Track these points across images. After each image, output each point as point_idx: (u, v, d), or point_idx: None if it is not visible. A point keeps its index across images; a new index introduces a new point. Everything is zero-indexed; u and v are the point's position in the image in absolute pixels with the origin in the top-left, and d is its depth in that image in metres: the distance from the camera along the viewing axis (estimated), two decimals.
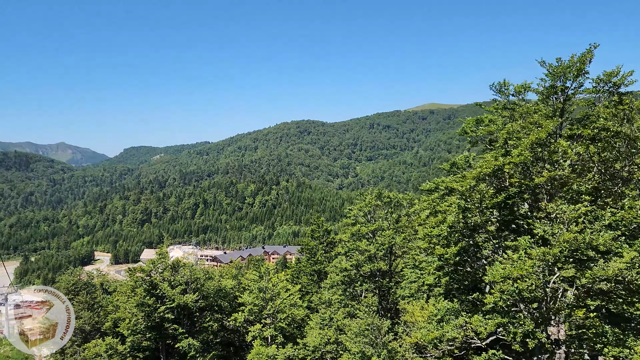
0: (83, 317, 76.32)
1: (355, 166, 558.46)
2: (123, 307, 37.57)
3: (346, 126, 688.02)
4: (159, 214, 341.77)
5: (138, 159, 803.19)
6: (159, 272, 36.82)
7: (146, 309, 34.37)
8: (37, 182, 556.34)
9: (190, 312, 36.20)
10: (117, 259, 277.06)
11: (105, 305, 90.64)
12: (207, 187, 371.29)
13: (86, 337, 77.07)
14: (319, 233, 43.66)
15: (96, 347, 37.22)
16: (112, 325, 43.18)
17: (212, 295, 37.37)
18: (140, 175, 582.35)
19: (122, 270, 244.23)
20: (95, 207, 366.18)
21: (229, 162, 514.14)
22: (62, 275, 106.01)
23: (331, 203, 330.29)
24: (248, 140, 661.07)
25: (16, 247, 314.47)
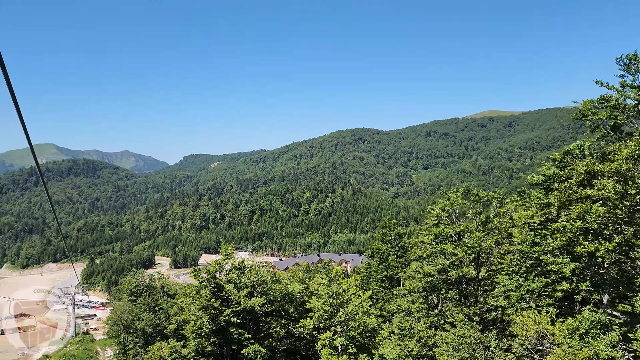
0: (145, 319, 76.88)
1: (411, 174, 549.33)
2: (188, 309, 36.37)
3: (402, 134, 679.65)
4: (216, 220, 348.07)
5: (197, 166, 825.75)
6: (224, 273, 35.38)
7: (211, 312, 32.98)
8: (103, 188, 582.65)
9: (256, 316, 34.46)
10: (177, 264, 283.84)
11: (166, 308, 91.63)
12: (263, 194, 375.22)
13: (147, 338, 77.67)
14: (390, 236, 41.06)
15: (160, 350, 36.16)
16: (176, 327, 42.05)
17: (279, 299, 35.58)
18: (199, 182, 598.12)
19: (181, 275, 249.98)
20: (156, 213, 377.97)
21: (284, 169, 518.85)
22: (125, 277, 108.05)
23: (387, 211, 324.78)
24: (303, 148, 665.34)
25: (83, 249, 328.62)
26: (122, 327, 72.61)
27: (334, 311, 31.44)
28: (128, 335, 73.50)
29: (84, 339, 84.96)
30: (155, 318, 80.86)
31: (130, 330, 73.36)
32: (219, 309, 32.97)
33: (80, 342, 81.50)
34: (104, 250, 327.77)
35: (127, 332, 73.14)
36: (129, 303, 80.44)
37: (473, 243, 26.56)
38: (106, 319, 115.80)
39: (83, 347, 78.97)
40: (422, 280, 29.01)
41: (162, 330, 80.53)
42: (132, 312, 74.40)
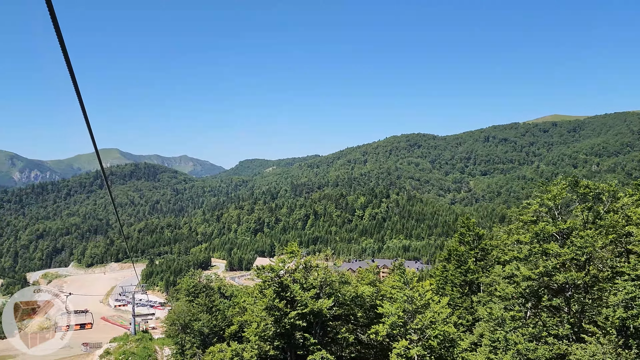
0: (202, 320, 76.34)
1: (468, 181, 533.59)
2: (250, 309, 34.30)
3: (458, 139, 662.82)
4: (271, 224, 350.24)
5: (252, 171, 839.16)
6: (289, 272, 33.09)
7: (275, 314, 30.68)
8: (163, 192, 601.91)
9: (323, 320, 31.95)
10: (232, 266, 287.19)
11: (223, 309, 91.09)
12: (317, 199, 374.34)
13: (204, 339, 77.08)
14: (469, 237, 37.65)
15: (221, 353, 34.28)
16: (238, 328, 40.10)
17: (348, 302, 32.85)
18: (254, 186, 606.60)
19: (236, 277, 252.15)
20: (213, 216, 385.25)
21: (338, 174, 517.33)
22: (184, 277, 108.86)
23: (444, 218, 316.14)
24: (357, 153, 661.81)
25: (143, 250, 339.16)
26: (180, 326, 72.28)
27: (409, 317, 28.47)
28: (185, 335, 73.08)
29: (143, 337, 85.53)
30: (212, 319, 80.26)
31: (188, 331, 72.90)
32: (284, 311, 30.63)
33: (139, 340, 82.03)
34: (163, 251, 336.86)
35: (184, 332, 72.73)
36: (187, 303, 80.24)
37: (584, 243, 22.89)
38: (164, 319, 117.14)
39: (142, 345, 79.35)
40: (521, 284, 25.42)
41: (219, 332, 79.90)
42: (189, 312, 73.97)
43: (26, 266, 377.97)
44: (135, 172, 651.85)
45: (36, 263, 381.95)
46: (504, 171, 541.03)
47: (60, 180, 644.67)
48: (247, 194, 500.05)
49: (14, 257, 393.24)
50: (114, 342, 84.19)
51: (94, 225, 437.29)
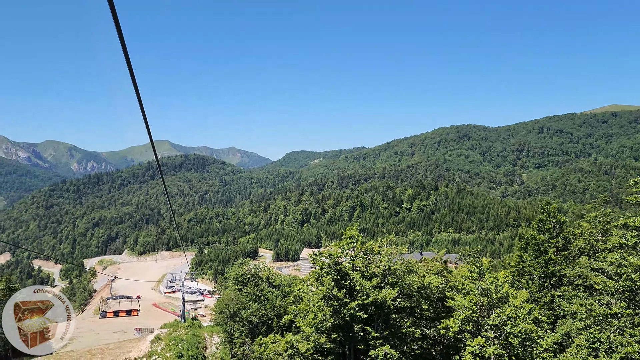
0: (250, 309, 75.38)
1: (520, 173, 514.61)
2: (306, 298, 31.98)
3: (510, 130, 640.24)
4: (317, 215, 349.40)
5: (298, 163, 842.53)
6: (349, 259, 30.51)
7: (334, 304, 28.30)
8: (211, 182, 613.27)
9: (386, 312, 29.32)
10: (279, 257, 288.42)
11: (272, 298, 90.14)
12: (364, 191, 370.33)
13: (253, 328, 76.18)
14: (549, 224, 34.08)
15: (275, 344, 32.24)
16: (293, 318, 37.92)
17: (414, 293, 30.01)
18: (301, 178, 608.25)
19: (283, 267, 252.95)
20: (260, 207, 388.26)
21: (385, 166, 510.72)
22: (232, 266, 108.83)
23: (495, 211, 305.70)
24: (405, 145, 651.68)
25: (193, 239, 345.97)
26: (229, 315, 71.46)
27: (484, 312, 25.49)
28: (234, 323, 72.21)
29: (193, 325, 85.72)
30: (260, 308, 79.19)
31: (236, 319, 71.98)
32: (343, 301, 28.16)
33: (189, 327, 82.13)
34: (212, 241, 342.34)
35: (233, 320, 71.87)
36: (236, 292, 79.52)
37: None
38: (213, 306, 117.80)
39: (192, 332, 79.35)
40: (633, 275, 21.85)
41: (268, 322, 78.83)
42: (238, 300, 73.07)
43: (83, 253, 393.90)
44: (185, 163, 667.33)
45: (92, 250, 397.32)
46: (559, 163, 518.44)
47: (115, 171, 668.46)
48: (293, 186, 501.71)
49: (72, 244, 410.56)
50: (165, 328, 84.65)
51: (146, 215, 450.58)
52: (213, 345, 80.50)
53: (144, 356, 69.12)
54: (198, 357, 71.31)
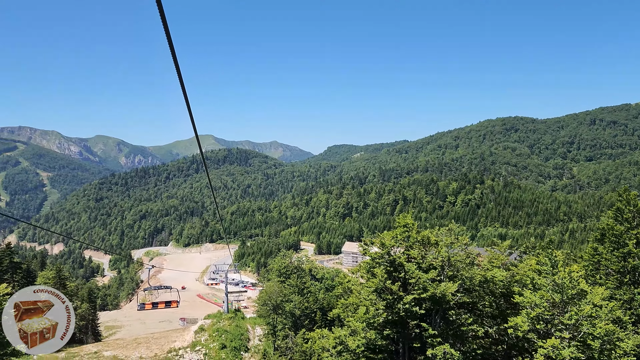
0: (293, 301, 74.39)
1: (571, 167, 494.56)
2: (356, 291, 29.76)
3: (560, 122, 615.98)
4: (359, 209, 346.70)
5: (340, 157, 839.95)
6: (402, 249, 28.25)
7: (388, 297, 26.17)
8: (254, 176, 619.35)
9: (445, 308, 26.90)
10: (320, 250, 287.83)
11: (315, 291, 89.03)
12: (406, 184, 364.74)
13: (296, 321, 75.17)
14: (628, 214, 30.80)
15: (323, 340, 30.40)
16: (341, 311, 35.80)
17: (477, 287, 27.40)
18: (342, 171, 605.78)
19: (324, 261, 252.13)
20: (302, 200, 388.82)
21: (428, 160, 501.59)
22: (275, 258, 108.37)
23: (544, 205, 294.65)
24: (448, 138, 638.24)
25: (236, 232, 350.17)
26: (271, 307, 70.63)
27: (557, 310, 22.80)
28: (277, 316, 71.33)
29: (236, 316, 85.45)
30: (303, 301, 78.10)
31: (279, 311, 71.07)
32: (398, 294, 25.98)
33: (232, 319, 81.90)
34: (254, 233, 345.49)
35: (276, 312, 70.99)
36: (278, 284, 78.73)
37: None
38: (256, 298, 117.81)
39: (235, 324, 79.06)
40: None
41: (311, 315, 77.65)
42: (281, 293, 72.14)
43: (131, 244, 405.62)
44: (228, 157, 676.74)
45: (139, 241, 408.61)
46: (612, 157, 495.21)
47: (161, 165, 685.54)
48: (335, 179, 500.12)
49: (121, 236, 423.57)
50: (208, 319, 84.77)
51: (191, 207, 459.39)
52: (256, 337, 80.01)
53: (187, 346, 69.15)
54: (241, 349, 70.81)
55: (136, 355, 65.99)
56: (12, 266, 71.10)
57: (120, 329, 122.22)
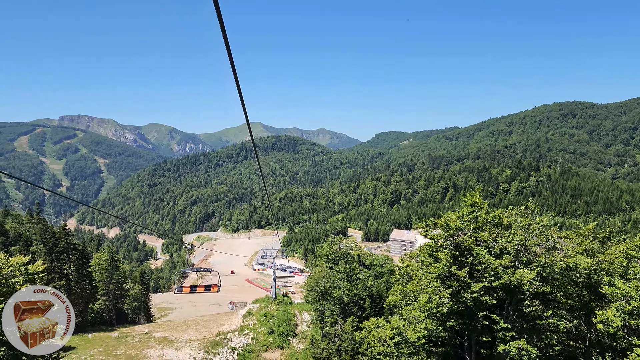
0: (342, 287, 72.65)
1: (634, 154, 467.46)
2: (416, 277, 27.05)
3: (622, 107, 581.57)
4: (407, 196, 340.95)
5: (388, 144, 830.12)
6: (469, 230, 25.35)
7: (453, 285, 23.41)
8: (301, 163, 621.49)
9: (519, 298, 23.84)
10: (368, 237, 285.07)
11: (363, 278, 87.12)
12: (457, 172, 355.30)
13: (344, 308, 73.44)
14: None
15: (379, 330, 28.04)
16: (400, 299, 32.98)
17: (558, 276, 24.09)
18: (390, 158, 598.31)
19: (372, 248, 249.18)
20: (349, 187, 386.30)
21: (480, 146, 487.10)
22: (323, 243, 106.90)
23: (605, 194, 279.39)
24: (502, 124, 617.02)
25: (284, 218, 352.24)
26: (319, 293, 69.11)
27: None
28: (325, 302, 69.75)
29: (284, 301, 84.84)
30: (352, 287, 76.29)
31: (327, 298, 69.43)
32: (465, 282, 23.18)
33: (280, 304, 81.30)
34: (302, 220, 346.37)
35: (324, 299, 69.38)
36: (327, 269, 77.14)
37: None
38: (303, 284, 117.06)
39: (282, 309, 78.38)
40: None
41: (360, 302, 75.72)
42: (329, 279, 70.48)
43: (182, 229, 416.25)
44: (277, 144, 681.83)
45: (190, 226, 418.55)
46: None
47: (211, 152, 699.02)
48: (383, 166, 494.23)
49: (173, 221, 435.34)
50: (256, 304, 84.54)
51: (240, 194, 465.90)
52: (304, 322, 79.04)
53: (236, 330, 68.83)
54: (289, 334, 69.89)
55: (185, 338, 66.16)
56: (68, 247, 72.56)
57: (172, 311, 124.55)
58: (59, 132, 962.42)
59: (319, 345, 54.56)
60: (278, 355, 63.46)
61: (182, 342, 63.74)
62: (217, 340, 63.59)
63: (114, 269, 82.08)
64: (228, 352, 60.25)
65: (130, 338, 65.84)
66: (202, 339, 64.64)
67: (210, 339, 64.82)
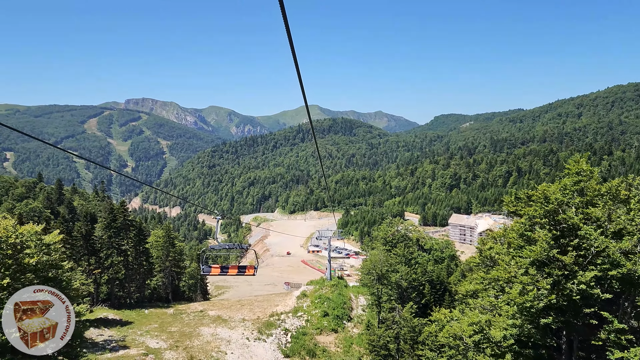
0: (400, 272, 68.87)
1: None
2: (502, 261, 22.36)
3: None
4: (467, 180, 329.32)
5: (447, 127, 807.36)
6: (574, 205, 20.69)
7: (556, 273, 18.96)
8: (358, 146, 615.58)
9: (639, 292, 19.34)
10: (425, 221, 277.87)
11: (423, 262, 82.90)
12: (521, 155, 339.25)
13: (402, 293, 69.68)
14: None
15: (454, 325, 23.67)
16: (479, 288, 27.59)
17: None
18: (449, 142, 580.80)
19: (429, 232, 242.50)
20: (407, 170, 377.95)
21: (546, 129, 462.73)
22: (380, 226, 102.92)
23: None
24: (570, 106, 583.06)
25: (340, 201, 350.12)
26: (376, 276, 65.87)
27: None
28: (382, 286, 66.37)
29: (339, 284, 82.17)
30: (411, 272, 72.25)
31: (384, 282, 66.03)
32: (570, 269, 18.70)
33: (334, 286, 78.68)
34: (358, 202, 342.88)
35: (380, 283, 66.00)
36: (384, 252, 73.44)
37: None
38: (359, 267, 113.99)
39: (337, 292, 75.74)
40: None
41: (419, 287, 71.74)
42: (386, 262, 66.89)
43: (240, 210, 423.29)
44: (333, 126, 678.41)
45: (248, 207, 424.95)
46: None
47: (268, 134, 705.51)
48: (442, 149, 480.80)
49: (231, 201, 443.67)
50: (310, 285, 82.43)
51: (296, 176, 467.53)
52: (359, 306, 76.16)
53: (290, 311, 66.90)
54: (343, 318, 67.14)
55: (239, 317, 64.89)
56: (126, 224, 72.81)
57: (228, 290, 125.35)
58: (124, 114, 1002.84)
59: (375, 332, 51.40)
60: (332, 339, 60.99)
61: (235, 321, 62.49)
62: (271, 321, 61.86)
63: (170, 246, 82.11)
64: (281, 334, 58.30)
65: (185, 315, 65.35)
66: (256, 319, 63.16)
67: (264, 319, 63.23)
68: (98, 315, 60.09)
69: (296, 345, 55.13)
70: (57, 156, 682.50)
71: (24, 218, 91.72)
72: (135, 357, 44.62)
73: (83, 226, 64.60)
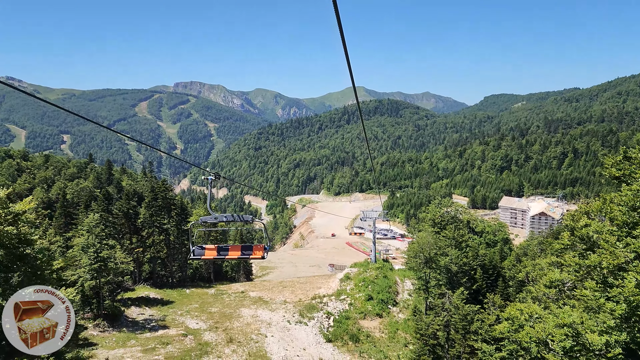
0: (450, 255, 65.36)
1: None
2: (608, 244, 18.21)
3: None
4: (519, 162, 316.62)
5: (498, 107, 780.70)
6: None
7: None
8: (404, 127, 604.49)
9: None
10: (474, 204, 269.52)
11: (474, 246, 78.78)
12: (577, 136, 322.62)
13: (451, 278, 66.19)
14: None
15: (536, 325, 19.15)
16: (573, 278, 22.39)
17: None
18: (500, 122, 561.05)
19: (479, 215, 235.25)
20: (455, 152, 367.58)
21: (605, 109, 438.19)
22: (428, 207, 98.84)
23: None
24: (631, 84, 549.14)
25: (385, 183, 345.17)
26: (423, 260, 62.64)
27: None
28: (430, 270, 63.19)
29: (384, 267, 79.32)
30: (461, 255, 68.54)
31: (433, 266, 62.83)
32: None
33: (379, 269, 75.90)
34: (404, 185, 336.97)
35: (428, 266, 62.77)
36: (432, 234, 69.96)
37: None
38: (405, 250, 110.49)
39: (382, 275, 72.97)
40: None
41: (470, 272, 67.97)
42: (435, 244, 63.53)
43: (285, 191, 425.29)
44: (379, 108, 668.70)
45: (293, 189, 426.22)
46: None
47: (314, 116, 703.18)
48: (492, 130, 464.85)
49: (277, 183, 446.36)
50: (354, 268, 79.99)
51: (341, 158, 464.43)
52: (405, 291, 73.25)
53: (332, 294, 64.76)
54: (389, 302, 64.46)
55: (280, 299, 63.38)
56: (167, 202, 72.33)
57: (273, 270, 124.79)
58: (173, 97, 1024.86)
59: (423, 320, 48.36)
60: (377, 324, 58.48)
61: (276, 303, 60.99)
62: (313, 304, 59.89)
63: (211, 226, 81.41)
64: (323, 317, 56.20)
65: (226, 296, 64.44)
66: (297, 302, 61.42)
67: (306, 302, 61.37)
68: (140, 294, 59.82)
69: (339, 329, 52.99)
70: (110, 138, 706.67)
71: (75, 197, 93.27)
72: (174, 338, 43.60)
73: (125, 204, 64.24)
